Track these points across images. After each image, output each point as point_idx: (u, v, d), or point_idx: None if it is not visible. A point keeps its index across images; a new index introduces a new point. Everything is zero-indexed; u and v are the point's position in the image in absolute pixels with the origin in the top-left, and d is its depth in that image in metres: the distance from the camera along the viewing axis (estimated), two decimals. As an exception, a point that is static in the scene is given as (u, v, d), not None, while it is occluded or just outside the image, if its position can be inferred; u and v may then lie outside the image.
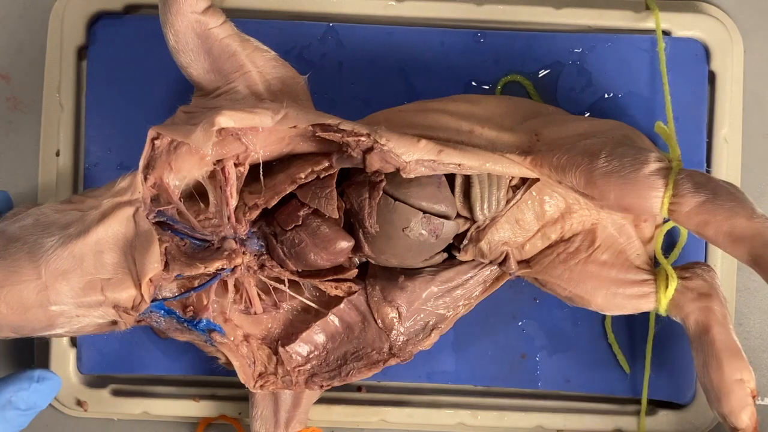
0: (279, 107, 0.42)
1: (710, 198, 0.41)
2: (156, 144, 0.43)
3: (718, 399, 0.44)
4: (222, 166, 0.44)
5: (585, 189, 0.44)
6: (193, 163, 0.43)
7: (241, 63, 0.45)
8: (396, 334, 0.47)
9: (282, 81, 0.46)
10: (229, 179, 0.44)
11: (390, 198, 0.44)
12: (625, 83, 0.52)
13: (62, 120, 0.52)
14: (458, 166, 0.44)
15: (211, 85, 0.45)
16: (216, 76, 0.45)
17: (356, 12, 0.52)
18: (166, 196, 0.43)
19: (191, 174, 0.44)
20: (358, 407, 0.52)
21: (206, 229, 0.45)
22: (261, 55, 0.45)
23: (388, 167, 0.43)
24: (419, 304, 0.47)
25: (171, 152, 0.43)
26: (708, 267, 0.47)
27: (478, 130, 0.46)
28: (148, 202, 0.43)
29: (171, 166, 0.43)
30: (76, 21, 0.52)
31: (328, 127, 0.43)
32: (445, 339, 0.51)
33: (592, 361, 0.52)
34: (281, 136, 0.44)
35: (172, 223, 0.44)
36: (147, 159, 0.43)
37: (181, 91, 0.49)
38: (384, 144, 0.42)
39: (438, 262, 0.48)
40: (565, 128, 0.46)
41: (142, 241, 0.42)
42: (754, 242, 0.40)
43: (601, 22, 0.52)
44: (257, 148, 0.44)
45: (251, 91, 0.45)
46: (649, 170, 0.42)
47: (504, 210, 0.46)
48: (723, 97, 0.52)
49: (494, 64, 0.52)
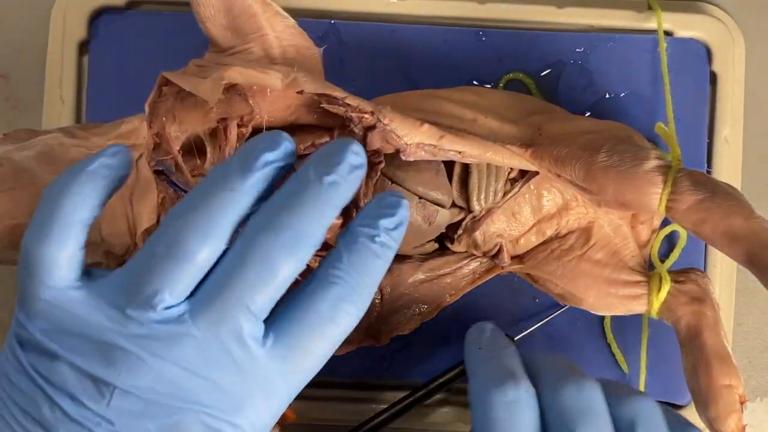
0: (289, 71, 0.42)
1: (708, 196, 0.41)
2: (164, 91, 0.42)
3: (705, 404, 0.44)
4: (225, 125, 0.43)
5: (584, 183, 0.44)
6: (197, 117, 0.43)
7: (260, 25, 0.44)
8: (374, 316, 0.47)
9: (297, 49, 0.46)
10: (230, 139, 0.43)
11: (387, 180, 0.44)
12: (627, 83, 0.52)
13: (63, 114, 0.52)
14: (459, 153, 0.44)
15: (226, 42, 0.45)
16: (233, 34, 0.45)
17: (358, 9, 0.52)
18: (166, 146, 0.43)
19: (193, 128, 0.43)
20: (357, 405, 0.52)
21: None
22: (281, 21, 0.45)
23: (388, 147, 0.43)
24: (404, 289, 0.47)
25: (177, 102, 0.42)
26: (702, 273, 0.47)
27: (481, 119, 0.46)
28: (150, 149, 0.43)
29: (175, 116, 0.43)
30: (78, 16, 0.52)
31: (333, 99, 0.42)
32: (444, 338, 0.51)
33: (591, 361, 0.52)
34: (287, 104, 0.44)
35: (169, 174, 0.44)
36: (153, 105, 0.42)
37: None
38: (387, 123, 0.42)
39: (428, 251, 0.47)
40: (568, 125, 0.46)
41: (142, 189, 0.42)
42: (751, 242, 0.40)
43: (604, 22, 0.52)
44: (262, 112, 0.43)
45: (266, 54, 0.45)
46: (648, 167, 0.42)
47: (501, 201, 0.46)
48: (724, 98, 0.52)
49: (496, 63, 0.52)
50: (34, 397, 0.33)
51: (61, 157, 0.42)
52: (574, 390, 0.37)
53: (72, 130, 0.45)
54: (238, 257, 0.33)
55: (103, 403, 0.32)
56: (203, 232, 0.33)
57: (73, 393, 0.33)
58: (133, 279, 0.33)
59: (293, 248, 0.33)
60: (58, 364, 0.33)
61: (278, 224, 0.33)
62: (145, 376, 0.33)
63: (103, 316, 0.33)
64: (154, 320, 0.33)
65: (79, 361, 0.33)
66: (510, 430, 0.36)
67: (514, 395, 0.37)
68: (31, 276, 0.34)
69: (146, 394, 0.33)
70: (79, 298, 0.34)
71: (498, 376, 0.38)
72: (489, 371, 0.39)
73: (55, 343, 0.33)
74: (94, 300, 0.34)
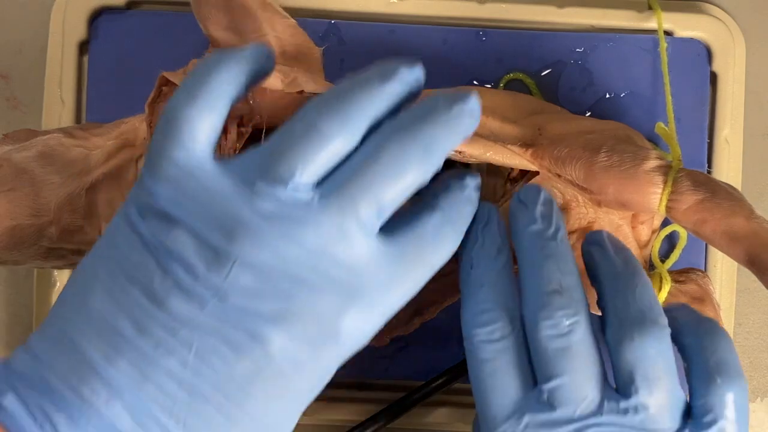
0: (289, 71, 0.42)
1: (709, 197, 0.41)
2: (164, 90, 0.42)
3: None
4: (224, 124, 0.43)
5: (584, 182, 0.43)
6: None
7: (260, 25, 0.45)
8: None
9: (298, 49, 0.46)
10: (229, 138, 0.43)
11: None
12: (627, 83, 0.52)
13: (63, 115, 0.52)
14: (459, 153, 0.44)
15: (226, 42, 0.45)
16: (233, 34, 0.45)
17: (358, 9, 0.52)
18: None
19: None
20: (357, 405, 0.52)
21: None
22: (280, 20, 0.45)
23: None
24: None
25: None
26: (703, 273, 0.47)
27: (482, 119, 0.46)
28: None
29: None
30: (78, 16, 0.52)
31: None
32: (444, 338, 0.51)
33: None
34: (287, 103, 0.44)
35: None
36: (152, 105, 0.42)
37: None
38: None
39: None
40: (568, 125, 0.46)
41: None
42: (751, 242, 0.40)
43: (604, 22, 0.52)
44: (262, 112, 0.43)
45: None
46: (649, 166, 0.42)
47: (501, 201, 0.46)
48: (724, 98, 0.52)
49: (496, 63, 0.52)
50: (146, 265, 0.33)
51: (61, 157, 0.42)
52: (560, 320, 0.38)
53: (71, 130, 0.45)
54: (370, 153, 0.34)
55: (221, 274, 0.32)
56: (341, 120, 0.34)
57: (189, 262, 0.32)
58: (267, 156, 0.34)
59: (423, 157, 0.34)
60: (178, 231, 0.33)
61: (413, 131, 0.34)
62: (267, 254, 0.32)
63: (232, 189, 0.33)
64: (284, 199, 0.33)
65: (201, 230, 0.33)
66: None
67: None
68: (169, 138, 0.34)
69: (265, 273, 0.32)
70: (212, 169, 0.34)
71: None
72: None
73: (179, 210, 0.33)
74: (227, 173, 0.34)
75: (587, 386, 0.37)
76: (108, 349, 0.32)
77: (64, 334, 0.33)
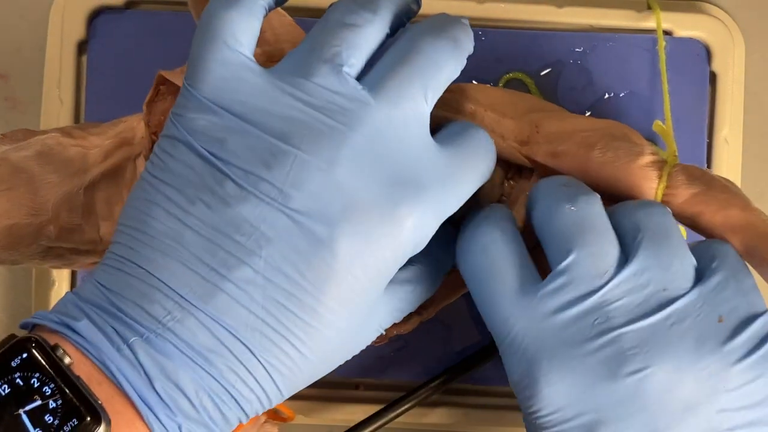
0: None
1: (704, 189, 0.41)
2: (161, 89, 0.42)
3: None
4: None
5: (580, 179, 0.43)
6: None
7: None
8: None
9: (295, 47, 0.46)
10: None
11: None
12: (626, 83, 0.52)
13: (62, 114, 0.52)
14: None
15: None
16: None
17: (358, 9, 0.52)
18: None
19: None
20: (357, 405, 0.52)
21: None
22: (278, 18, 0.45)
23: None
24: None
25: (174, 101, 0.43)
26: None
27: (480, 112, 0.46)
28: (148, 149, 0.43)
29: None
30: (77, 16, 0.52)
31: None
32: (444, 338, 0.51)
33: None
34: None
35: None
36: (150, 104, 0.42)
37: (182, 86, 0.49)
38: None
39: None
40: (564, 123, 0.46)
41: None
42: (748, 233, 0.40)
43: (603, 22, 0.52)
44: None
45: (263, 52, 0.45)
46: (643, 162, 0.42)
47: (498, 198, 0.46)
48: (724, 98, 0.52)
49: (496, 62, 0.52)
50: (203, 177, 0.32)
51: (59, 156, 0.42)
52: (565, 205, 0.38)
53: (70, 130, 0.45)
54: (408, 47, 0.35)
55: (282, 172, 0.32)
56: (368, 10, 0.35)
57: (247, 167, 0.32)
58: (308, 53, 0.34)
59: (454, 51, 0.36)
60: (232, 136, 0.32)
61: (441, 29, 0.36)
62: (325, 149, 0.32)
63: (282, 87, 0.33)
64: (336, 90, 0.33)
65: (254, 132, 0.32)
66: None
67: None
68: (212, 40, 0.34)
69: (323, 169, 0.32)
70: (258, 69, 0.34)
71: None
72: None
73: (230, 114, 0.33)
74: (273, 74, 0.34)
75: (604, 259, 0.37)
76: (176, 267, 0.31)
77: (127, 262, 0.32)
